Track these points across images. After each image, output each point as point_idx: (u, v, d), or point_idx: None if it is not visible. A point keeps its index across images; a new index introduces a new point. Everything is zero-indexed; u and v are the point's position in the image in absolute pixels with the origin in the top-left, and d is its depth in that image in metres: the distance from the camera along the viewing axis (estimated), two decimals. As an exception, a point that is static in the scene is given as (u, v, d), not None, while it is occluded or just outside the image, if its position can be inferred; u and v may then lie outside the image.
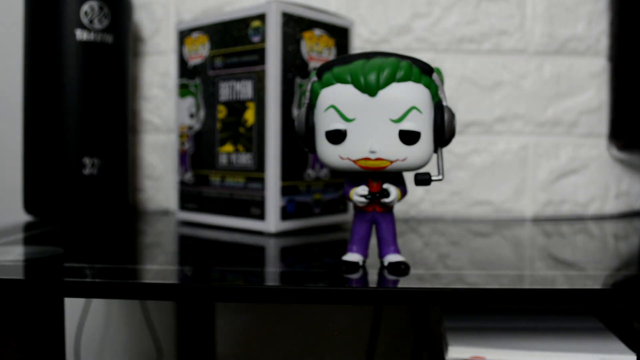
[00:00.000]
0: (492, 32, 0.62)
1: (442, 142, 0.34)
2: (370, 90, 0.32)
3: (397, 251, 0.35)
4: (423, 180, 0.34)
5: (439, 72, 0.34)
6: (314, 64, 0.50)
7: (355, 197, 0.34)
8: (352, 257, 0.35)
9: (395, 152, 0.33)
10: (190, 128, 0.54)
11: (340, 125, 0.33)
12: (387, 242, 0.35)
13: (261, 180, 0.48)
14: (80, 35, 0.55)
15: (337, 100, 0.33)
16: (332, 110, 0.33)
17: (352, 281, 0.32)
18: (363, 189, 0.34)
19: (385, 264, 0.35)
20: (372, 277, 0.33)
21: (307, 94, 0.35)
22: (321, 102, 0.34)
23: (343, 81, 0.33)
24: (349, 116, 0.33)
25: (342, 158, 0.33)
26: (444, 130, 0.33)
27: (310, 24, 0.49)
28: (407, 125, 0.32)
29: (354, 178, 0.35)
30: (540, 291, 0.30)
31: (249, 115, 0.48)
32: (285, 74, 0.48)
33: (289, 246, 0.43)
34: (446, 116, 0.33)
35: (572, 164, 0.63)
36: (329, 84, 0.34)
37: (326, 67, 0.34)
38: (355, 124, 0.33)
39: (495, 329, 0.38)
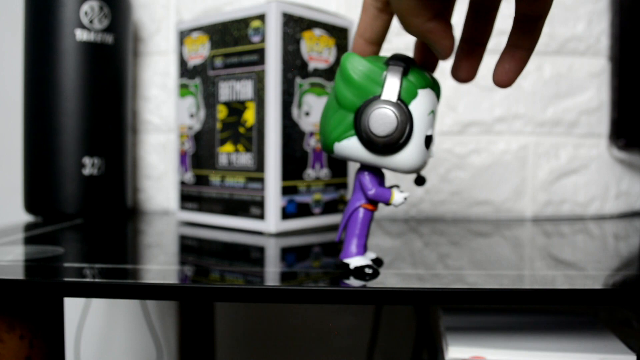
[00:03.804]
0: (492, 32, 0.62)
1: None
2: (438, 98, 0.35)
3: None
4: (422, 180, 0.35)
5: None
6: (314, 64, 0.50)
7: (401, 199, 0.33)
8: (365, 259, 0.34)
9: None
10: (190, 128, 0.54)
11: (431, 130, 0.33)
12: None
13: (261, 180, 0.48)
14: (80, 35, 0.55)
15: (434, 105, 0.33)
16: (432, 115, 0.33)
17: (352, 281, 0.32)
18: (400, 190, 0.34)
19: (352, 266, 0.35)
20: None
21: (397, 87, 0.32)
22: (421, 104, 0.32)
23: (429, 86, 0.33)
24: None
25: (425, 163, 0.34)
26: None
27: (310, 24, 0.49)
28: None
29: (377, 177, 0.34)
30: (540, 291, 0.30)
31: (249, 115, 0.48)
32: (285, 74, 0.47)
33: (289, 246, 0.43)
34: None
35: (572, 164, 0.63)
36: (422, 86, 0.33)
37: (406, 65, 0.32)
38: None
39: (495, 329, 0.38)
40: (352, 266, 0.33)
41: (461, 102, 0.62)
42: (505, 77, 0.32)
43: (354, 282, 0.32)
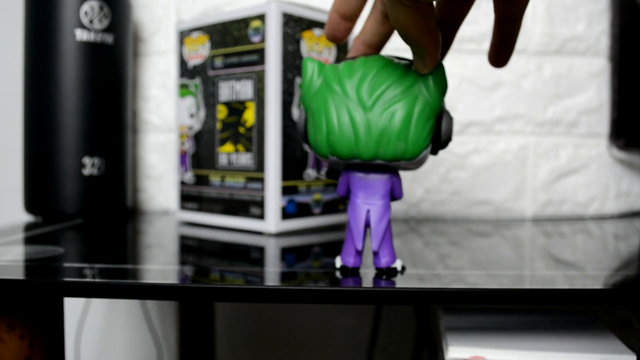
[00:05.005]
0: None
1: None
2: None
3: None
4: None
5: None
6: (314, 64, 0.50)
7: None
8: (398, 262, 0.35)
9: None
10: (190, 128, 0.54)
11: None
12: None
13: (261, 180, 0.48)
14: (80, 35, 0.55)
15: None
16: None
17: (352, 281, 0.32)
18: None
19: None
20: (372, 278, 0.33)
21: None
22: None
23: None
24: None
25: None
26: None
27: (310, 24, 0.49)
28: None
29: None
30: (540, 291, 0.30)
31: (249, 115, 0.48)
32: (285, 74, 0.48)
33: (289, 246, 0.43)
34: None
35: (572, 164, 0.63)
36: None
37: None
38: None
39: (495, 329, 0.38)
40: (399, 268, 0.34)
41: (461, 102, 0.63)
42: (498, 62, 0.36)
43: (351, 283, 0.32)
